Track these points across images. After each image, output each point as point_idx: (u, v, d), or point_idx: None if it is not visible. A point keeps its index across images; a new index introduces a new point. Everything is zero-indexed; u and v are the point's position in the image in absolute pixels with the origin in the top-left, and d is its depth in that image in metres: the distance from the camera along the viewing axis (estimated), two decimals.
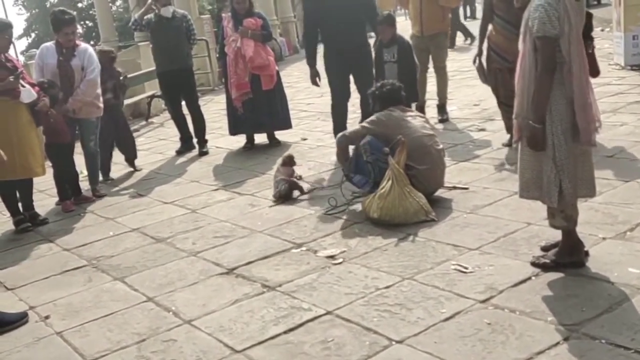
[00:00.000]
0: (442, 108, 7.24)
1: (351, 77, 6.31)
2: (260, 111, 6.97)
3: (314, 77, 6.42)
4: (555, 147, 3.11)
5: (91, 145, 6.12)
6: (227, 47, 6.93)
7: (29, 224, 5.36)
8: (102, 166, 6.61)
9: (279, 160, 5.65)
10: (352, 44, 6.11)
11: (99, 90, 5.99)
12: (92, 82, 5.83)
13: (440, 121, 7.06)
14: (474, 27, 17.53)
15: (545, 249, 3.48)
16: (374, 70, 6.23)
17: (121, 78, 6.90)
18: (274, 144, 7.22)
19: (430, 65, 7.25)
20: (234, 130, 7.38)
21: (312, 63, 6.36)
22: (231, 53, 6.90)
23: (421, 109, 7.04)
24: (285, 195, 5.14)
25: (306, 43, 6.62)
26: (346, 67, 6.19)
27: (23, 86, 5.08)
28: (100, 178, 6.53)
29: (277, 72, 7.11)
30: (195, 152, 7.54)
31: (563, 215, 3.22)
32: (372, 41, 6.44)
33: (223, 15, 7.49)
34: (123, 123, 7.09)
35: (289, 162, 5.50)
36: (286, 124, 7.30)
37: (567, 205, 3.19)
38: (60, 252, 4.77)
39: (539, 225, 3.79)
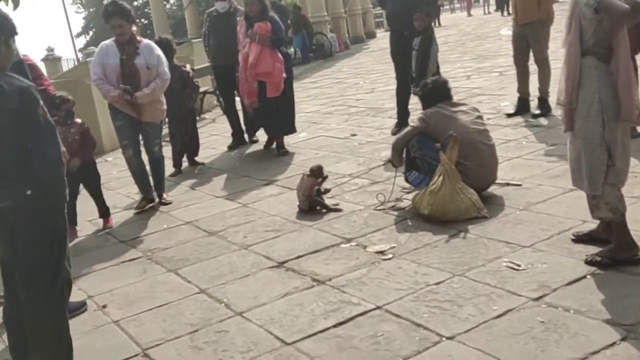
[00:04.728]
0: (541, 101, 6.78)
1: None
2: (263, 115, 6.83)
3: None
4: (605, 131, 3.14)
5: (156, 150, 5.72)
6: (240, 53, 6.77)
7: None
8: (176, 164, 6.91)
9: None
10: (410, 27, 6.57)
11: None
12: (167, 81, 5.51)
13: (536, 116, 6.66)
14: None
15: (578, 239, 3.52)
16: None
17: (189, 74, 6.95)
18: (282, 152, 6.92)
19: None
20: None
21: (383, 5, 7.65)
22: (241, 59, 6.71)
23: (524, 101, 6.89)
24: (310, 209, 4.85)
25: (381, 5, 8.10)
26: (407, 48, 6.69)
27: None
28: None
29: (290, 79, 6.91)
30: (247, 147, 7.64)
31: (608, 207, 3.22)
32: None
33: (238, 19, 7.12)
34: (194, 124, 7.17)
35: (317, 173, 4.93)
36: (287, 129, 7.02)
37: (611, 197, 3.20)
38: (117, 243, 4.92)
39: (595, 223, 3.69)
